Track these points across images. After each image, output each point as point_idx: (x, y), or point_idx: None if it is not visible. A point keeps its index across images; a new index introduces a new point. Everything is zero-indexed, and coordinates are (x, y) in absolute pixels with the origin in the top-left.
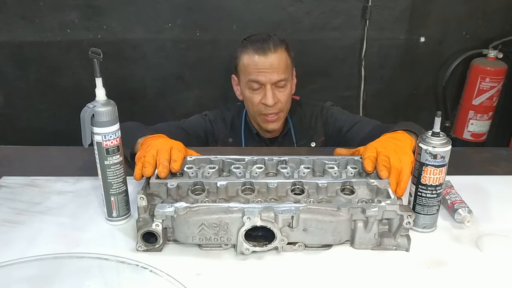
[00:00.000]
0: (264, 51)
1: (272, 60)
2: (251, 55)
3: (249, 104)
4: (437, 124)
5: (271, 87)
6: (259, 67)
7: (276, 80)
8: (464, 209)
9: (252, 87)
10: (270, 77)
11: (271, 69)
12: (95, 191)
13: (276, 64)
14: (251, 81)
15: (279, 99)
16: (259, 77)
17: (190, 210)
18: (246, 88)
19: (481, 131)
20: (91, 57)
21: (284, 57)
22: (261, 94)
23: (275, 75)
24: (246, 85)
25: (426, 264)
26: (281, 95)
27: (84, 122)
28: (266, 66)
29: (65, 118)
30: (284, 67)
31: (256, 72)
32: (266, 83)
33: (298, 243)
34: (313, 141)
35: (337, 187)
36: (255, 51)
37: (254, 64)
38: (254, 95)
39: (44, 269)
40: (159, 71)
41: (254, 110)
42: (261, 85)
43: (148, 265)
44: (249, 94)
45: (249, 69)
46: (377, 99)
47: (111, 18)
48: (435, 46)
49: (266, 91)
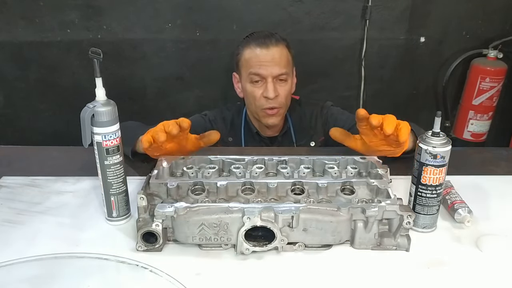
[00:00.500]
0: (266, 45)
1: (274, 53)
2: (253, 49)
3: (250, 98)
4: (437, 124)
5: (272, 81)
6: (260, 60)
7: (277, 73)
8: (464, 209)
9: (254, 81)
10: (272, 70)
11: (272, 62)
12: (95, 191)
13: (278, 58)
14: (252, 74)
15: (279, 93)
16: (261, 69)
17: (190, 210)
18: (247, 82)
19: (481, 131)
20: (91, 57)
21: (286, 53)
22: (262, 88)
23: (277, 68)
24: (248, 78)
25: (426, 264)
26: (282, 89)
27: (84, 122)
28: (268, 59)
29: (65, 118)
30: (286, 62)
31: (258, 65)
32: (268, 76)
33: (298, 243)
34: (313, 141)
35: (337, 187)
36: (257, 45)
37: (256, 57)
38: (255, 88)
39: (44, 269)
40: (159, 71)
41: (255, 104)
42: (263, 78)
43: (148, 265)
44: (250, 88)
45: (251, 62)
46: (377, 99)
47: (111, 18)
48: (435, 46)
49: (268, 84)
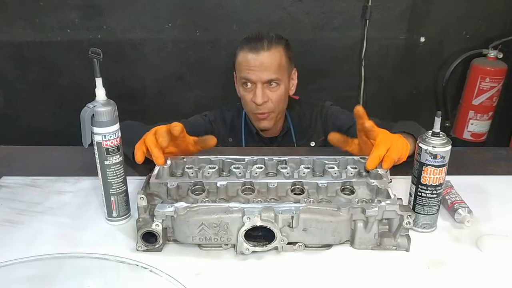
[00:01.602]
0: (256, 50)
1: (263, 58)
2: (245, 53)
3: (243, 102)
4: (437, 124)
5: (262, 86)
6: (250, 65)
7: (266, 79)
8: (464, 209)
9: (244, 85)
10: (260, 75)
11: (261, 68)
12: (95, 191)
13: (268, 63)
14: (242, 79)
15: (269, 98)
16: (249, 75)
17: (190, 210)
18: (239, 86)
19: (481, 131)
20: (91, 57)
21: (278, 57)
22: (252, 93)
23: (266, 74)
24: (239, 82)
25: (426, 264)
26: (272, 94)
27: (84, 122)
28: (256, 64)
29: (65, 118)
30: (277, 67)
31: (247, 70)
32: (257, 82)
33: (298, 243)
34: (313, 141)
35: (337, 187)
36: (249, 49)
37: (246, 62)
38: (246, 93)
39: (44, 269)
40: (159, 71)
41: (247, 108)
42: (252, 83)
43: (148, 265)
44: (242, 92)
45: (242, 67)
46: (377, 99)
47: (111, 18)
48: (435, 46)
49: (256, 90)
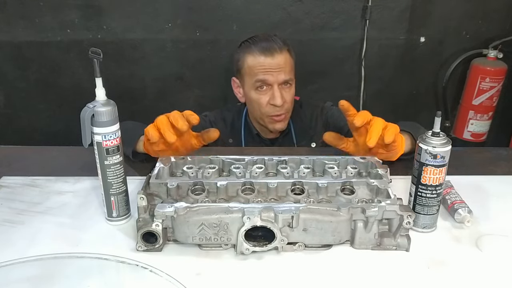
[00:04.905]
0: (270, 52)
1: (279, 60)
2: (257, 56)
3: (256, 105)
4: (437, 124)
5: (278, 87)
6: (266, 67)
7: (283, 80)
8: (464, 209)
9: (259, 88)
10: (278, 77)
11: (278, 69)
12: (95, 191)
13: (283, 64)
14: (258, 81)
15: (285, 99)
16: (267, 77)
17: (190, 210)
18: (252, 89)
19: (481, 131)
20: (91, 57)
21: (289, 58)
22: (268, 95)
23: (283, 75)
24: (253, 86)
25: (426, 264)
26: (287, 95)
27: (84, 122)
28: (273, 66)
29: (65, 118)
30: (290, 67)
31: (263, 73)
32: (274, 83)
33: (298, 243)
34: (313, 142)
35: (337, 187)
36: (261, 52)
37: (261, 64)
38: (261, 96)
39: (44, 269)
40: (159, 71)
41: (261, 111)
42: (269, 85)
43: (148, 265)
44: (256, 95)
45: (256, 70)
46: (377, 99)
47: (111, 18)
48: (435, 46)
49: (274, 92)
